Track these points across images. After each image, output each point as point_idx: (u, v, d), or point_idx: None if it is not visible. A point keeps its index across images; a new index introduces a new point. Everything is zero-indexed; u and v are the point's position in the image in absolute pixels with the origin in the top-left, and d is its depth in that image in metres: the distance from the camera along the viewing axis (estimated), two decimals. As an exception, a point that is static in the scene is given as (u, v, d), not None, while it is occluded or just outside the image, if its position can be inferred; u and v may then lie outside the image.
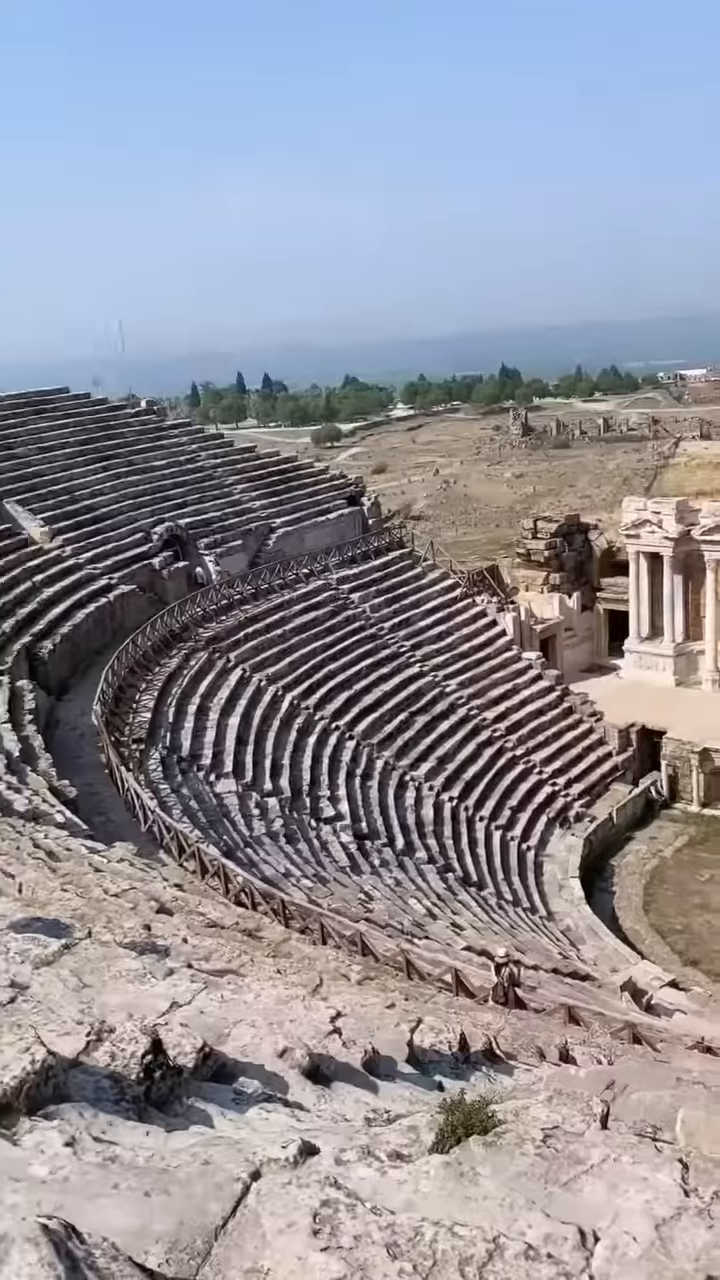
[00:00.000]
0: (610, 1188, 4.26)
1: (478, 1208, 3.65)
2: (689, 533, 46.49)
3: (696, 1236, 3.90)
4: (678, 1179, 4.44)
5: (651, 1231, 3.87)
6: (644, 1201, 4.10)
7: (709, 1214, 4.05)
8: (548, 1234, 3.52)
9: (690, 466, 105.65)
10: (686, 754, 41.25)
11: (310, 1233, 3.21)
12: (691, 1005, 26.96)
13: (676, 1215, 4.00)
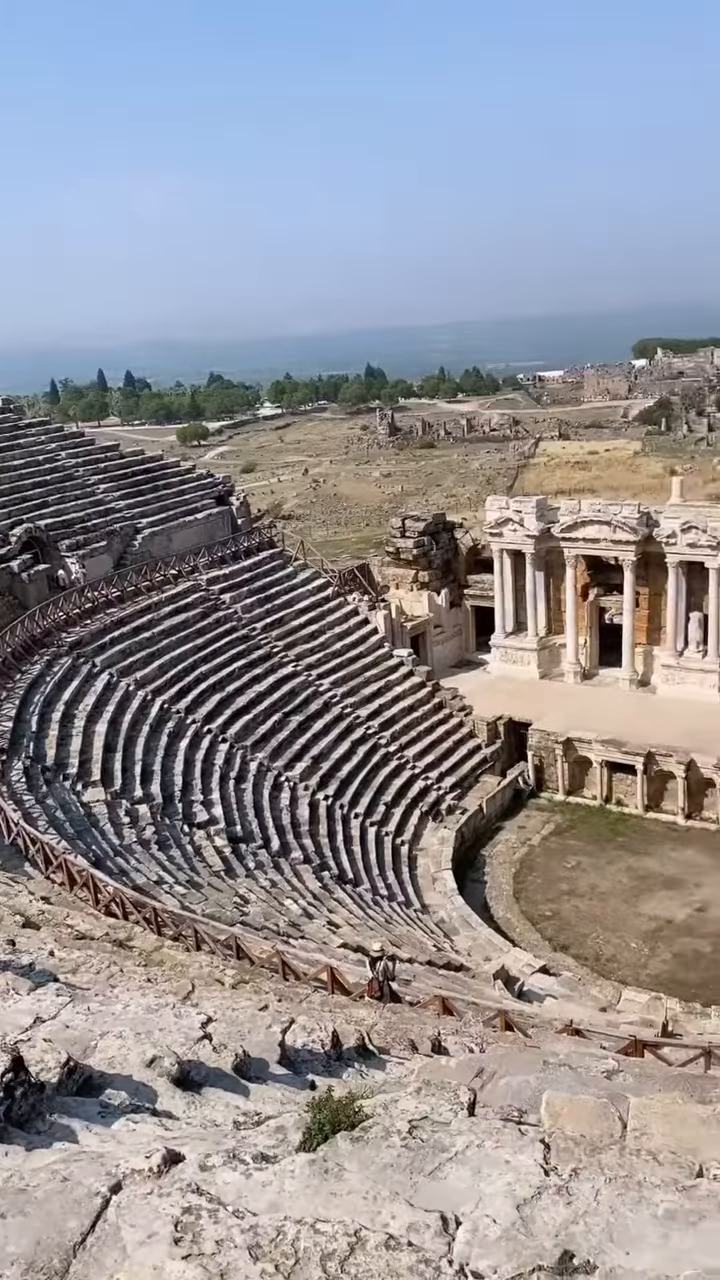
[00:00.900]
0: (474, 1173, 4.35)
1: (342, 1203, 3.67)
2: (549, 530, 47.77)
3: (556, 1213, 4.03)
4: (540, 1160, 4.57)
5: (513, 1212, 3.97)
6: (506, 1184, 4.21)
7: (568, 1191, 4.18)
8: (411, 1223, 3.57)
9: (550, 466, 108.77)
10: (551, 744, 42.41)
11: (171, 1241, 3.17)
12: (562, 989, 27.74)
13: (537, 1194, 4.12)
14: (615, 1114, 6.21)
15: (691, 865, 36.16)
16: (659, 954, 30.90)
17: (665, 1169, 4.70)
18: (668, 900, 33.80)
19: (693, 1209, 3.94)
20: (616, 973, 30.01)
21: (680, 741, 40.25)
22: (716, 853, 36.97)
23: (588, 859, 37.13)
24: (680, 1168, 4.76)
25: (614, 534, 46.27)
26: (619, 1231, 3.86)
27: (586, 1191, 4.12)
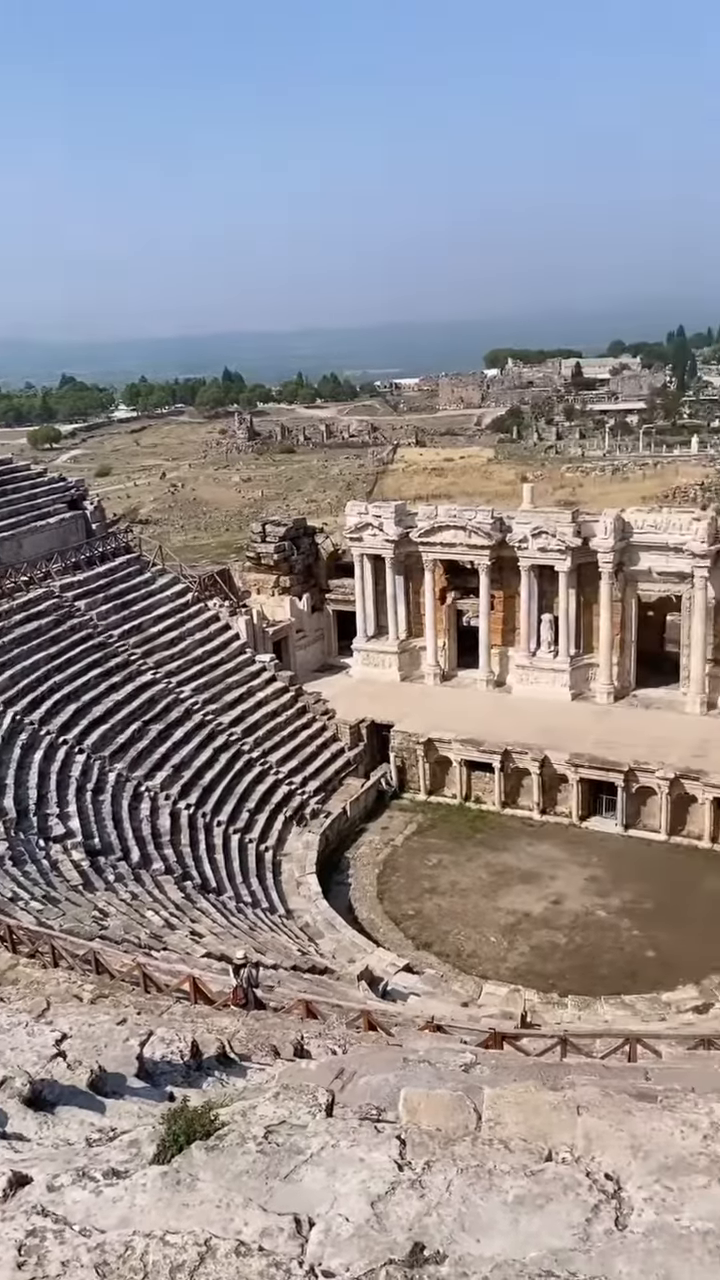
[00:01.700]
0: (330, 1173, 4.38)
1: (194, 1213, 3.64)
2: (408, 535, 48.52)
3: (409, 1207, 4.09)
4: (395, 1156, 4.62)
5: (367, 1209, 4.01)
6: (360, 1181, 4.25)
7: (421, 1184, 4.25)
8: (264, 1228, 3.57)
9: (408, 472, 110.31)
10: (413, 745, 43.04)
11: (15, 1266, 3.07)
12: (424, 987, 28.16)
13: (391, 1190, 4.17)
14: (470, 1106, 6.34)
15: (547, 859, 37.26)
16: (518, 947, 31.72)
17: (516, 1156, 4.82)
18: (525, 894, 34.73)
19: (540, 1192, 4.05)
20: (477, 967, 30.65)
21: (535, 739, 41.44)
22: (570, 846, 38.21)
23: (449, 857, 37.82)
24: (531, 1154, 4.89)
25: (469, 539, 47.33)
26: (470, 1220, 3.95)
27: (439, 1183, 4.20)
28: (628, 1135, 5.32)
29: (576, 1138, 5.73)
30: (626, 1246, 3.38)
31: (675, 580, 45.02)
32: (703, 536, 43.21)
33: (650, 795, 38.89)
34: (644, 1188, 3.94)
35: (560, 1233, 3.76)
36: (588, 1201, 3.88)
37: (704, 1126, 5.22)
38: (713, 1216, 3.63)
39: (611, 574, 45.17)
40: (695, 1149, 4.92)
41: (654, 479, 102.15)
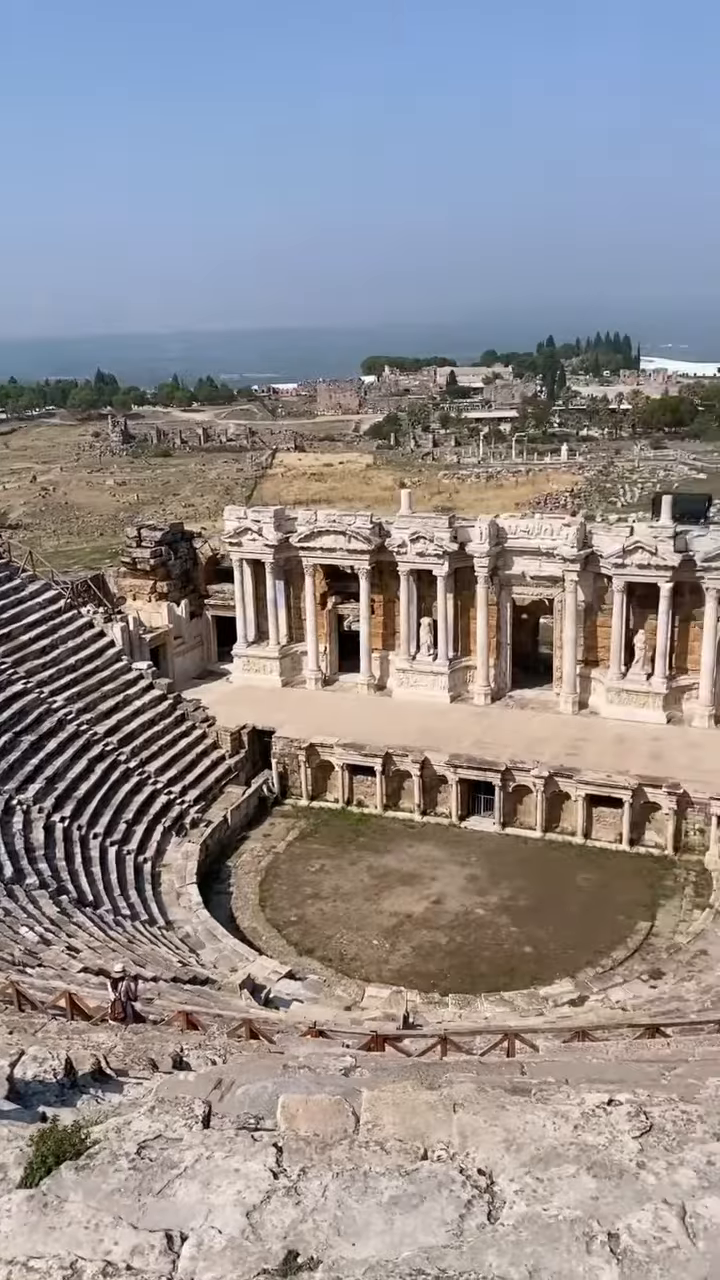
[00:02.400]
0: (204, 1186, 4.32)
1: (61, 1235, 3.54)
2: (288, 540, 48.48)
3: (285, 1215, 4.06)
4: (271, 1164, 4.59)
5: (242, 1219, 3.97)
6: (235, 1192, 4.20)
7: (296, 1191, 4.23)
8: (134, 1246, 3.49)
9: (287, 477, 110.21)
10: (295, 751, 42.99)
11: None
12: (307, 993, 28.14)
13: (266, 1199, 4.14)
14: (349, 1109, 6.35)
15: (427, 860, 37.70)
16: (399, 949, 31.98)
17: (392, 1157, 4.85)
18: (406, 895, 35.06)
19: (415, 1191, 4.08)
20: (360, 971, 30.77)
21: (415, 741, 41.91)
22: (449, 846, 38.76)
23: (331, 861, 37.88)
24: (407, 1154, 4.92)
25: (349, 543, 47.59)
26: (346, 1224, 3.95)
27: (315, 1189, 4.19)
28: (502, 1130, 5.41)
29: (452, 1135, 5.80)
30: (497, 1239, 3.43)
31: (548, 584, 46.20)
32: (573, 542, 44.46)
33: (526, 794, 39.78)
34: (515, 1180, 4.01)
35: (434, 1230, 3.79)
36: (461, 1197, 3.93)
37: (575, 1117, 5.34)
38: (580, 1204, 3.71)
39: (487, 578, 46.06)
40: (566, 1139, 5.03)
41: (526, 485, 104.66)
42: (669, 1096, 5.98)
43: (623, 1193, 3.88)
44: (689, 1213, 3.40)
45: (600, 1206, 3.78)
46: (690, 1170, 4.04)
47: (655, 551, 43.11)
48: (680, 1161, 4.18)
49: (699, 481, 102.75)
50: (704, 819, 37.65)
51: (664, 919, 33.67)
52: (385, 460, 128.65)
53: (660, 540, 43.18)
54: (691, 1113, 5.28)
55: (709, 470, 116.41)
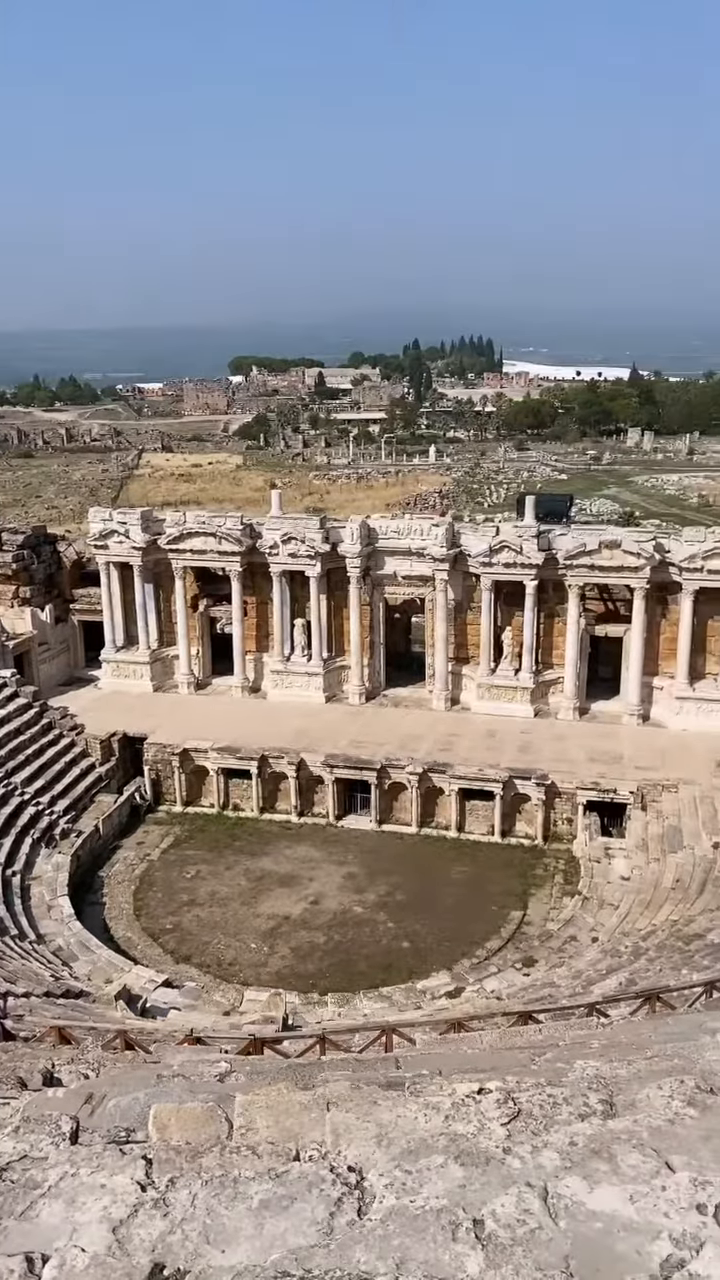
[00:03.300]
0: (69, 1204, 4.19)
1: None
2: (156, 542, 47.74)
3: (153, 1228, 3.98)
4: (140, 1176, 4.49)
5: (108, 1236, 3.88)
6: (102, 1208, 4.10)
7: (165, 1202, 4.15)
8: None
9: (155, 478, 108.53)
10: (168, 756, 42.37)
11: None
12: (185, 1000, 27.78)
13: (133, 1213, 4.05)
14: (223, 1115, 6.28)
15: (305, 861, 37.71)
16: (278, 951, 31.88)
17: (264, 1160, 4.81)
18: (284, 897, 34.98)
19: (285, 1194, 4.06)
20: (239, 975, 30.55)
21: (291, 743, 41.86)
22: (326, 845, 38.86)
23: (207, 867, 37.49)
24: (279, 1156, 4.89)
25: (219, 545, 47.19)
26: (215, 1232, 3.90)
27: (184, 1199, 4.12)
28: (374, 1125, 5.44)
29: (325, 1134, 5.80)
30: (365, 1235, 3.44)
31: (419, 583, 46.82)
32: (442, 541, 45.17)
33: (402, 791, 40.21)
34: (385, 1175, 4.03)
35: (305, 1230, 3.77)
36: (331, 1196, 3.93)
37: (445, 1108, 5.41)
38: (447, 1194, 3.76)
39: (360, 578, 46.37)
40: (437, 1130, 5.09)
41: (396, 486, 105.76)
42: (537, 1081, 6.11)
43: (489, 1179, 3.95)
44: (551, 1194, 3.48)
45: (467, 1194, 3.84)
46: (554, 1152, 4.14)
47: (520, 550, 44.18)
48: (545, 1144, 4.27)
49: (560, 482, 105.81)
50: (571, 808, 38.78)
51: (535, 907, 34.53)
52: (255, 461, 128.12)
53: (525, 539, 44.28)
54: (557, 1095, 5.41)
55: (569, 471, 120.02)
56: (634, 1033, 11.61)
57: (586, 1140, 4.23)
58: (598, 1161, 4.04)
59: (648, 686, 44.72)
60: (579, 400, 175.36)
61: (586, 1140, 4.23)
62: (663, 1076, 5.89)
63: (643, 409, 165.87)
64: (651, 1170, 3.96)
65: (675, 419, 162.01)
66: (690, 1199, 3.41)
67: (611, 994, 18.60)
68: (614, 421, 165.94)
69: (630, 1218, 3.35)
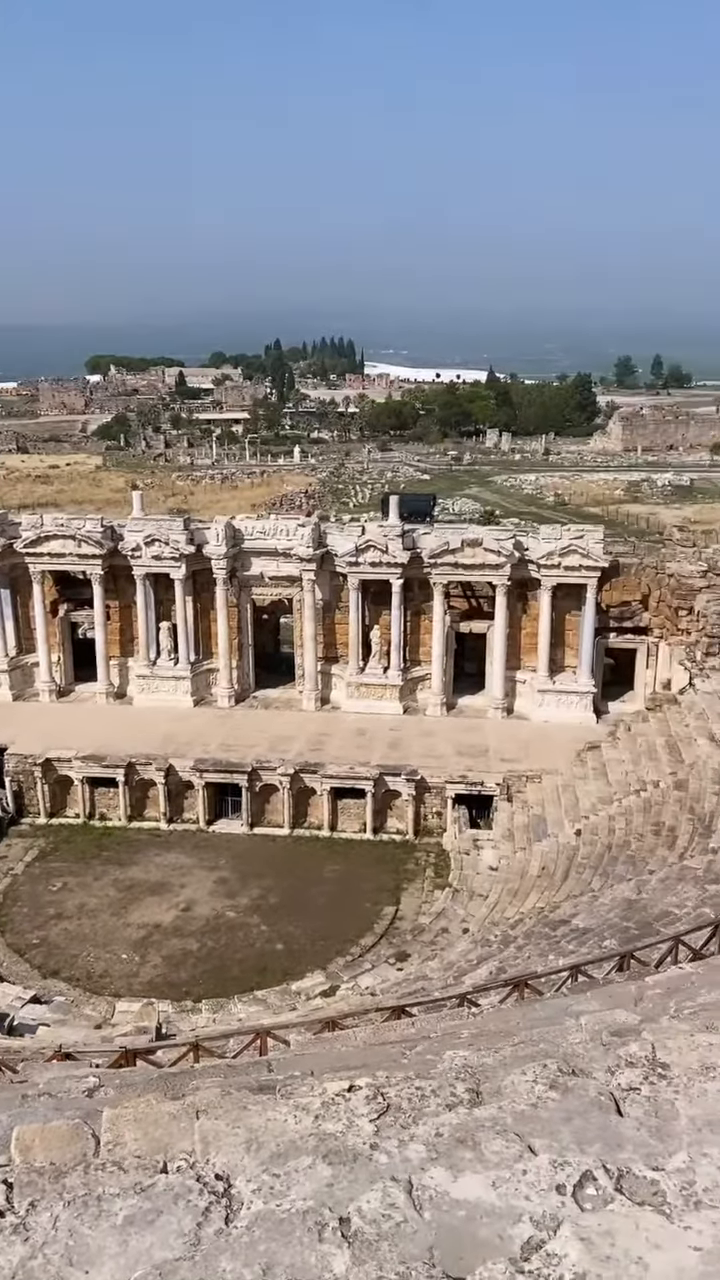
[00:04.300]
0: None
1: None
2: (12, 545, 46.27)
3: (13, 1255, 3.85)
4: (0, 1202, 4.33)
5: (-38, 1270, 3.72)
6: (-42, 1241, 3.93)
7: (25, 1227, 4.01)
8: None
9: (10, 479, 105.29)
10: (29, 767, 41.10)
11: None
12: (54, 1015, 27.05)
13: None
14: (89, 1132, 6.13)
15: (176, 868, 37.20)
16: (150, 960, 31.36)
17: (130, 1175, 4.71)
18: (155, 906, 34.43)
19: (151, 1208, 3.98)
20: (110, 987, 29.92)
21: (159, 749, 41.22)
22: (197, 851, 38.44)
23: (74, 879, 36.57)
24: (146, 1169, 4.79)
25: (79, 548, 46.08)
26: (78, 1253, 3.79)
27: (45, 1222, 3.99)
28: (244, 1130, 5.39)
29: (195, 1143, 5.72)
30: (232, 1243, 3.41)
31: (286, 584, 46.78)
32: (308, 541, 45.25)
33: (273, 792, 40.09)
34: (253, 1180, 4.00)
35: (171, 1244, 3.71)
36: (198, 1206, 3.87)
37: (315, 1108, 5.40)
38: (314, 1194, 3.75)
39: (226, 580, 46.02)
40: (307, 1130, 5.08)
41: (262, 487, 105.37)
42: (406, 1075, 6.17)
43: (356, 1176, 3.96)
44: (416, 1186, 3.51)
45: (335, 1193, 3.84)
46: (420, 1144, 4.18)
47: (386, 550, 44.65)
48: (412, 1137, 4.31)
49: (423, 482, 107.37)
50: (440, 802, 39.42)
51: (408, 902, 34.96)
52: (115, 461, 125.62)
53: (390, 539, 44.77)
54: (425, 1088, 5.47)
55: (432, 471, 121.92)
56: (503, 1020, 11.87)
57: (452, 1130, 4.29)
58: (463, 1150, 4.10)
59: (511, 680, 45.83)
60: (439, 402, 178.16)
61: (452, 1130, 4.29)
62: (527, 1062, 6.02)
63: (500, 410, 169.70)
64: (515, 1155, 4.04)
65: (531, 420, 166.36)
66: (550, 1180, 3.50)
67: (482, 983, 18.98)
68: (473, 422, 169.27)
69: (493, 1203, 3.41)
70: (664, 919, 21.83)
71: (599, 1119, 4.57)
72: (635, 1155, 4.04)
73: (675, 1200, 3.28)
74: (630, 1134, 4.35)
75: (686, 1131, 4.37)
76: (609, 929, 22.91)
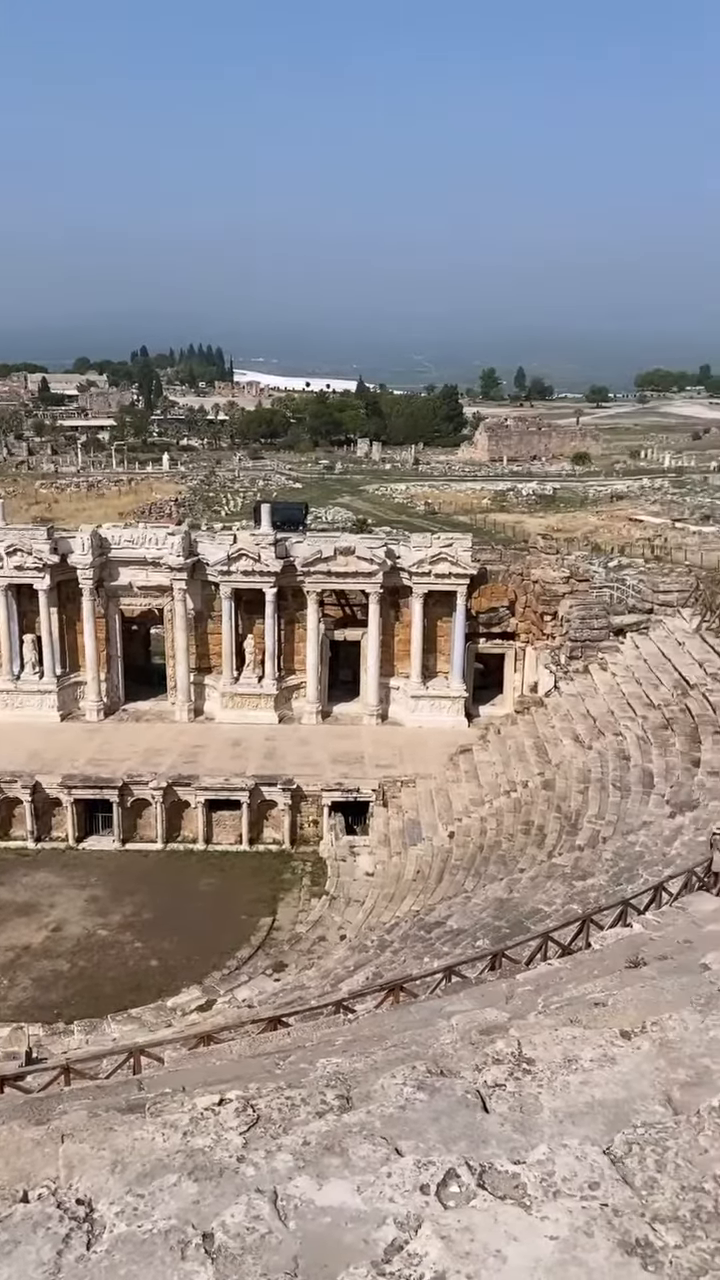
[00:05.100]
0: None
1: None
2: None
3: None
4: None
5: None
6: None
7: None
8: None
9: None
10: None
11: None
12: None
13: None
14: (-53, 1167, 5.90)
15: (44, 887, 36.14)
16: (19, 983, 30.36)
17: (-11, 1207, 4.54)
18: (23, 927, 33.36)
19: (9, 1239, 3.84)
20: (-24, 1014, 28.81)
21: (25, 766, 40.02)
22: (67, 870, 37.44)
23: (-63, 903, 35.13)
24: (5, 1199, 4.63)
25: (-63, 559, 44.39)
26: None
27: None
28: (109, 1152, 5.27)
29: (59, 1168, 5.57)
30: (92, 1268, 3.32)
31: (156, 594, 46.11)
32: (178, 550, 44.71)
33: (146, 807, 39.38)
34: (117, 1202, 3.91)
35: (31, 1275, 3.58)
36: (59, 1233, 3.75)
37: (184, 1124, 5.32)
38: (179, 1212, 3.69)
39: (93, 590, 45.06)
40: (175, 1148, 5.00)
41: (130, 495, 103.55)
42: (277, 1085, 6.14)
43: (222, 1190, 3.91)
44: (281, 1196, 3.49)
45: (201, 1209, 3.79)
46: (288, 1154, 4.16)
47: (258, 558, 44.50)
48: (279, 1148, 4.29)
49: (295, 490, 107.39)
50: (316, 810, 39.45)
51: (285, 911, 34.82)
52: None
53: (262, 547, 44.64)
54: (296, 1097, 5.45)
55: (304, 479, 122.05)
56: (377, 1025, 11.94)
57: (320, 1138, 4.28)
58: (330, 1157, 4.09)
59: (385, 687, 46.25)
60: (310, 410, 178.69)
61: (320, 1138, 4.28)
62: (398, 1065, 6.07)
63: (370, 420, 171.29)
64: (381, 1158, 4.06)
65: (401, 430, 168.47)
66: (415, 1181, 3.52)
67: (358, 989, 19.04)
68: (344, 431, 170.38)
69: (358, 1208, 3.42)
70: (534, 916, 22.33)
71: (465, 1117, 4.64)
72: (499, 1150, 4.12)
73: (535, 1192, 3.34)
74: (495, 1130, 4.43)
75: (549, 1124, 4.47)
76: (482, 929, 23.30)
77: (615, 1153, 3.59)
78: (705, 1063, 4.92)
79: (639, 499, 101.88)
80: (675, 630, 41.32)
